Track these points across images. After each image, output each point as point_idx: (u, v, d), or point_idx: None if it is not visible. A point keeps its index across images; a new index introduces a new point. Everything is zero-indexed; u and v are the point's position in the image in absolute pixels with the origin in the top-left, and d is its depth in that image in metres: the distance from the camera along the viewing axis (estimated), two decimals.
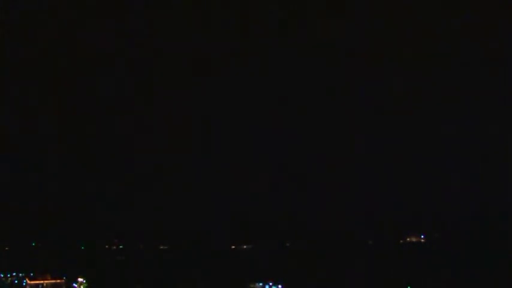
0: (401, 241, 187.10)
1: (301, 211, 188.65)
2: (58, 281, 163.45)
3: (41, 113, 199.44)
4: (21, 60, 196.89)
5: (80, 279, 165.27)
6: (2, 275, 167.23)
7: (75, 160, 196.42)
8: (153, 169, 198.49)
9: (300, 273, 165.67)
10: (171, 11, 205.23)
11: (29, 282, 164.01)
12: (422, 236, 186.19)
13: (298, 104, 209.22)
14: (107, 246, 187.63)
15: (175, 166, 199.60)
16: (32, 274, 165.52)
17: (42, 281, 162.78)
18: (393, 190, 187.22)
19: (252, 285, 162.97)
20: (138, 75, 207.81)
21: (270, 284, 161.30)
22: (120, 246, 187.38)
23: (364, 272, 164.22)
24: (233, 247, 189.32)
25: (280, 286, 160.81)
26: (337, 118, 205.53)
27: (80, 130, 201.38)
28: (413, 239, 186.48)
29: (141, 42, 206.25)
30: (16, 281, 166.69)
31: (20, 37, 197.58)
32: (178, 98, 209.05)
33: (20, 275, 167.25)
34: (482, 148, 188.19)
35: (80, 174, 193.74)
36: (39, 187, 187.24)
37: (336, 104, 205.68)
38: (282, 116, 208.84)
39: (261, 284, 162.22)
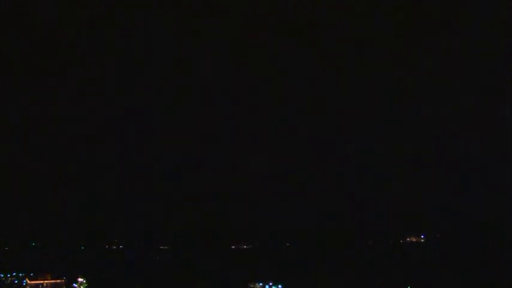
0: (401, 241, 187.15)
1: (301, 211, 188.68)
2: (58, 281, 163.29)
3: (41, 113, 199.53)
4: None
5: (80, 279, 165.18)
6: (2, 275, 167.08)
7: (74, 160, 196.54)
8: (153, 169, 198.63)
9: (300, 273, 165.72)
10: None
11: (29, 282, 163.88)
12: (422, 236, 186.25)
13: (300, 103, 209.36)
14: (107, 247, 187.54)
15: (175, 166, 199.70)
16: (32, 274, 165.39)
17: (42, 281, 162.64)
18: (393, 190, 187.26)
19: (252, 285, 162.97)
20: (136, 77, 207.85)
21: (270, 284, 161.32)
22: (120, 246, 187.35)
23: (364, 272, 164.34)
24: (233, 247, 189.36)
25: (280, 286, 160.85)
26: (338, 118, 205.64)
27: (79, 130, 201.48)
28: (413, 239, 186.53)
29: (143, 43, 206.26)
30: (16, 281, 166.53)
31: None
32: (178, 99, 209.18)
33: (20, 275, 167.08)
34: (482, 148, 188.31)
35: (80, 174, 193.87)
36: (39, 187, 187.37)
37: (337, 103, 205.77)
38: (283, 115, 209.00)
39: (261, 284, 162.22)
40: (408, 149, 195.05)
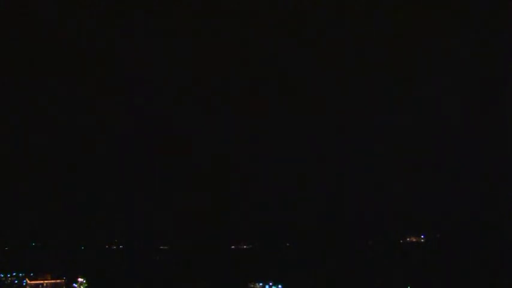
0: (401, 241, 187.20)
1: (301, 211, 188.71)
2: (58, 281, 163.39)
3: (41, 113, 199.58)
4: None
5: (80, 279, 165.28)
6: (2, 275, 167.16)
7: (75, 160, 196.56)
8: (153, 169, 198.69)
9: (300, 273, 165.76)
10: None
11: (29, 282, 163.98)
12: (422, 236, 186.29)
13: (300, 103, 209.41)
14: (107, 247, 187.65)
15: (175, 166, 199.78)
16: (32, 274, 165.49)
17: (42, 281, 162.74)
18: (393, 190, 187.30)
19: (252, 285, 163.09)
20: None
21: (270, 284, 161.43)
22: (120, 246, 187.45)
23: (364, 272, 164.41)
24: (233, 247, 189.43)
25: (280, 286, 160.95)
26: (338, 118, 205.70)
27: (80, 130, 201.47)
28: (413, 239, 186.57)
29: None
30: (16, 281, 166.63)
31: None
32: (178, 98, 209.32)
33: (20, 275, 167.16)
34: (482, 148, 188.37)
35: (80, 173, 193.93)
36: (39, 187, 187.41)
37: (337, 103, 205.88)
38: (283, 115, 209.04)
39: (261, 284, 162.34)
40: (408, 149, 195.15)
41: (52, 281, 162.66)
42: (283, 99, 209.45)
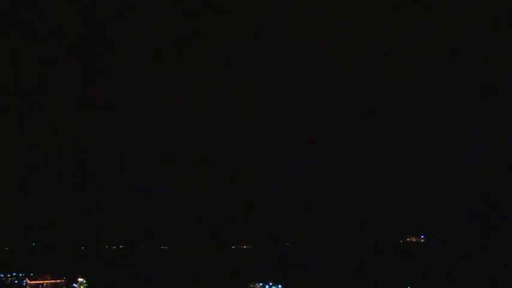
0: (401, 241, 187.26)
1: (301, 211, 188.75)
2: (58, 281, 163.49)
3: (40, 113, 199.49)
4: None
5: (80, 279, 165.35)
6: (2, 275, 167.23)
7: (75, 160, 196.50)
8: (152, 169, 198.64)
9: (300, 273, 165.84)
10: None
11: (29, 282, 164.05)
12: (422, 236, 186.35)
13: (299, 102, 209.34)
14: (106, 247, 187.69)
15: (175, 166, 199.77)
16: (32, 274, 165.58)
17: (42, 281, 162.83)
18: (393, 190, 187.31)
19: (252, 285, 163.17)
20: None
21: (270, 284, 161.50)
22: (120, 246, 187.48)
23: (364, 272, 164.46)
24: (233, 247, 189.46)
25: (280, 286, 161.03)
26: (338, 117, 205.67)
27: (80, 129, 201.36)
28: (413, 239, 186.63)
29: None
30: (16, 281, 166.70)
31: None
32: (178, 98, 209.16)
33: (20, 275, 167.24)
34: (482, 148, 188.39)
35: (80, 173, 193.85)
36: (39, 187, 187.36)
37: (336, 104, 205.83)
38: (282, 115, 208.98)
39: (261, 284, 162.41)
40: (408, 148, 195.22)
41: (52, 281, 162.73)
42: (282, 98, 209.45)
